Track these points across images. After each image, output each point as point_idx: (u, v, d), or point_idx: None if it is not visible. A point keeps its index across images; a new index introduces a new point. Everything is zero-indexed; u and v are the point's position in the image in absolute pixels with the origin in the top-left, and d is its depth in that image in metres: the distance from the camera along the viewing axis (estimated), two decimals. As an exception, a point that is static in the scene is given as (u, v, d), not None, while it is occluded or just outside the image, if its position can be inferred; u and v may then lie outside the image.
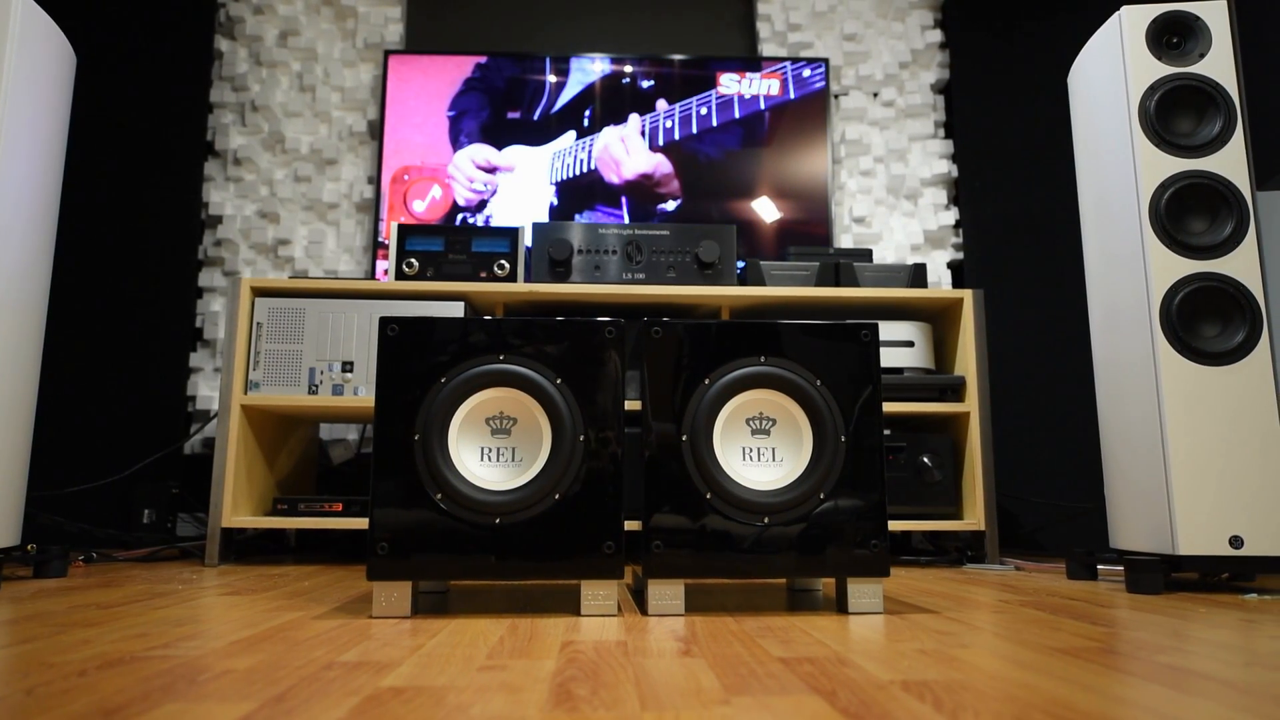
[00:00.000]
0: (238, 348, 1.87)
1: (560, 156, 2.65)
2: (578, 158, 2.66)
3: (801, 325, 1.16)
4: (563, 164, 2.65)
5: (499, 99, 2.67)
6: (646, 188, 2.65)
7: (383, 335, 1.11)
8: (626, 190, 2.65)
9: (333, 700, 0.63)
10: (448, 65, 2.68)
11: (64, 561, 1.53)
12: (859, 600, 1.11)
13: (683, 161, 2.67)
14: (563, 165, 2.65)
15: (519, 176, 2.63)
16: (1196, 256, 1.43)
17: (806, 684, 0.68)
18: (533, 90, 2.68)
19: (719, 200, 2.66)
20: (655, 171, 2.66)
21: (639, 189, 2.65)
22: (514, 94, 2.68)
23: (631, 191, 2.65)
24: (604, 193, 2.64)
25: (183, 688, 0.66)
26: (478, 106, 2.67)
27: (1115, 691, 0.66)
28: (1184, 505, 1.37)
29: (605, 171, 2.65)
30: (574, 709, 0.60)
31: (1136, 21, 1.51)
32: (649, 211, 2.64)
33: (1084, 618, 1.07)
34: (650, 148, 2.67)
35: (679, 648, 0.85)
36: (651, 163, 2.66)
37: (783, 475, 1.13)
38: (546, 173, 2.64)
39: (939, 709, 0.60)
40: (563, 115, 2.67)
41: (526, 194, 2.63)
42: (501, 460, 1.12)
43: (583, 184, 2.64)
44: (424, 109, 2.66)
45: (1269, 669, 0.75)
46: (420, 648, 0.85)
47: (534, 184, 2.63)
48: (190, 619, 1.03)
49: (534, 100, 2.67)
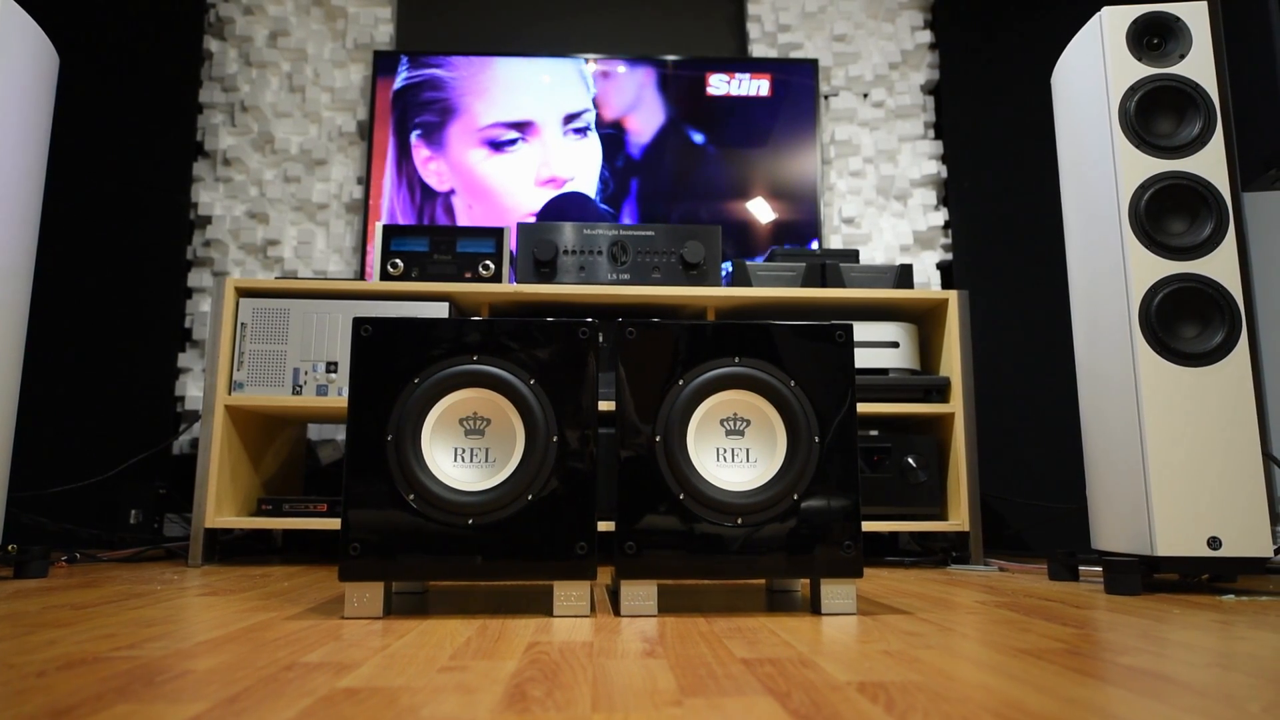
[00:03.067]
0: (222, 348, 1.87)
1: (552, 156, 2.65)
2: (569, 158, 2.66)
3: (776, 326, 1.16)
4: (553, 164, 2.65)
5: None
6: (635, 186, 2.65)
7: (356, 336, 1.12)
8: (615, 188, 2.65)
9: (285, 701, 0.63)
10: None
11: (45, 562, 1.53)
12: (832, 601, 1.11)
13: (671, 162, 2.67)
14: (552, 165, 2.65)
15: (511, 176, 2.63)
16: (1176, 257, 1.43)
17: (763, 685, 0.68)
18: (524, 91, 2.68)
19: (708, 201, 2.66)
20: (644, 171, 2.66)
21: (626, 187, 2.65)
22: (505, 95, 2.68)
23: (619, 190, 2.65)
24: (602, 176, 2.64)
25: (138, 689, 0.66)
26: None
27: (1069, 693, 0.66)
28: (1162, 506, 1.37)
29: (596, 171, 2.65)
30: (525, 710, 0.60)
31: (1117, 22, 1.51)
32: (636, 212, 2.64)
33: (1056, 619, 1.07)
34: (640, 147, 2.67)
35: (644, 649, 0.85)
36: (641, 162, 2.66)
37: (756, 476, 1.13)
38: (536, 173, 2.64)
39: (890, 710, 0.60)
40: (554, 116, 2.67)
41: (519, 193, 2.63)
42: (475, 461, 1.12)
43: (572, 183, 2.64)
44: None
45: (1228, 670, 0.75)
46: (385, 649, 0.85)
47: (525, 183, 2.63)
48: (162, 620, 1.03)
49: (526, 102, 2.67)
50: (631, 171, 2.66)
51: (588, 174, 2.64)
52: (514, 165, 2.64)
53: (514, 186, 2.63)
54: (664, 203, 2.65)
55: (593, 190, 2.64)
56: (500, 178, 2.63)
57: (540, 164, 2.64)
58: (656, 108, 2.69)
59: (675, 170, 2.66)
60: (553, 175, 2.64)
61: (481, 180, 2.62)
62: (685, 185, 2.66)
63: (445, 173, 2.63)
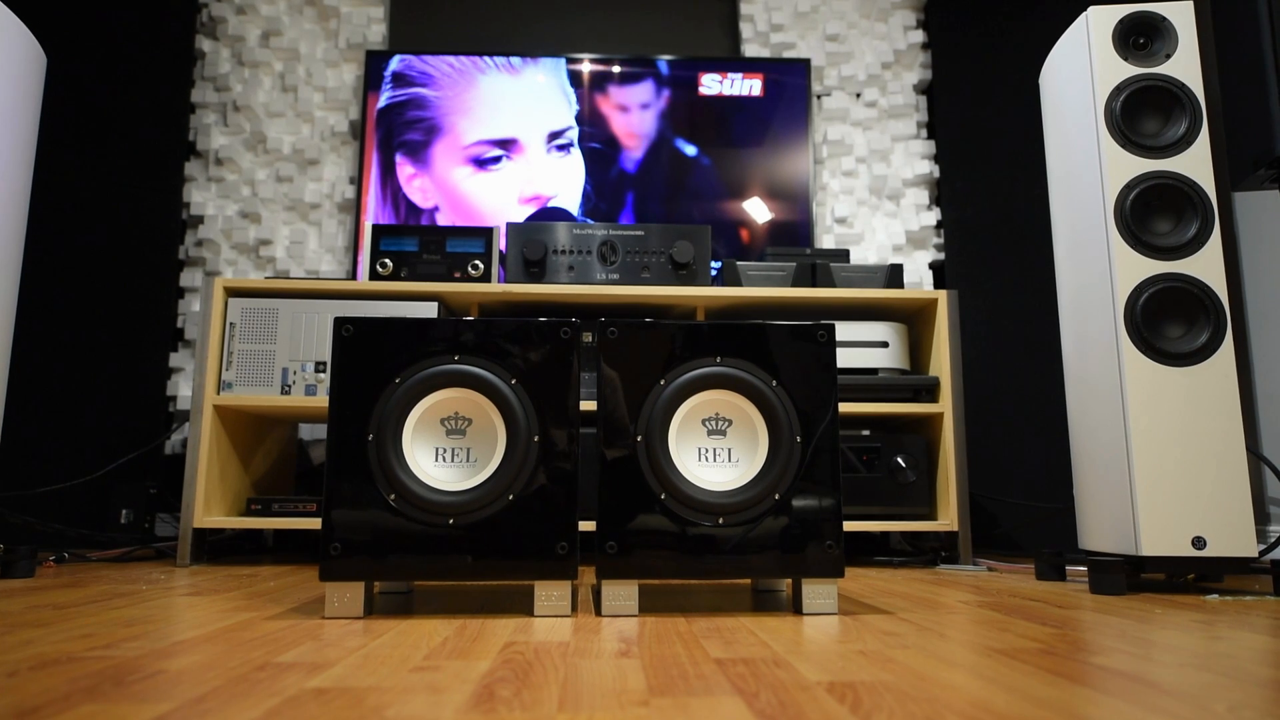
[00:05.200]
0: (210, 348, 1.87)
1: (536, 174, 2.65)
2: (552, 175, 2.66)
3: (758, 325, 1.16)
4: (536, 181, 2.65)
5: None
6: (626, 188, 2.65)
7: (337, 336, 1.12)
8: (598, 201, 2.64)
9: (252, 701, 0.63)
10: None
11: (32, 562, 1.53)
12: (813, 601, 1.11)
13: (663, 162, 2.67)
14: (546, 164, 2.65)
15: (495, 193, 2.63)
16: (1161, 257, 1.43)
17: (733, 685, 0.68)
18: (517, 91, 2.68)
19: (699, 201, 2.66)
20: (636, 172, 2.66)
21: (619, 189, 2.65)
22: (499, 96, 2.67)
23: (607, 198, 2.65)
24: (584, 192, 2.64)
25: (108, 688, 0.66)
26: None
27: (1038, 693, 0.66)
28: (1147, 506, 1.37)
29: (579, 188, 2.65)
30: (491, 710, 0.60)
31: (1103, 22, 1.51)
32: (628, 212, 2.64)
33: (1036, 619, 1.07)
34: (631, 147, 2.67)
35: (620, 649, 0.85)
36: (632, 164, 2.66)
37: (738, 476, 1.13)
38: (519, 190, 2.64)
39: (855, 710, 0.60)
40: (539, 134, 2.67)
41: (503, 211, 2.63)
42: (456, 461, 1.12)
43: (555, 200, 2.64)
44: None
45: (1200, 670, 0.75)
46: (361, 649, 0.85)
47: (509, 201, 2.63)
48: (142, 619, 1.03)
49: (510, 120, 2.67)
50: (622, 172, 2.66)
51: (571, 191, 2.64)
52: (498, 183, 2.63)
53: (498, 204, 2.62)
54: (656, 203, 2.65)
55: (575, 206, 2.63)
56: (484, 195, 2.62)
57: (524, 181, 2.63)
58: (648, 108, 2.69)
59: (667, 171, 2.66)
60: (536, 193, 2.63)
61: (465, 198, 2.62)
62: (676, 186, 2.66)
63: (430, 190, 2.62)
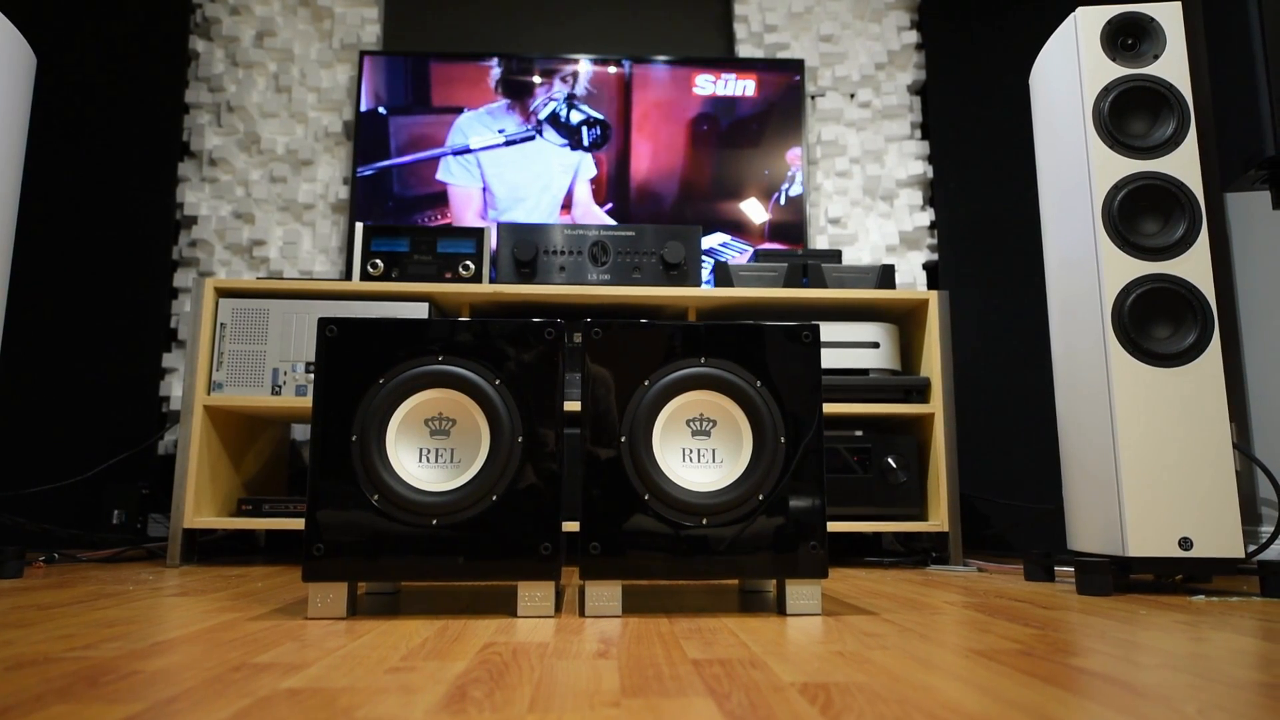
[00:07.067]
0: (201, 348, 1.87)
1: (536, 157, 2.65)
2: (556, 157, 2.66)
3: (743, 326, 1.16)
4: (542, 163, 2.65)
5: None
6: (619, 188, 2.65)
7: (321, 336, 1.12)
8: (598, 190, 2.65)
9: (224, 702, 0.63)
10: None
11: (20, 562, 1.53)
12: (797, 602, 1.11)
13: (656, 162, 2.67)
14: (542, 164, 2.65)
15: (499, 176, 2.63)
16: (1149, 258, 1.43)
17: (706, 686, 0.68)
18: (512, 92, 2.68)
19: (692, 201, 2.66)
20: (629, 172, 2.66)
21: (613, 190, 2.65)
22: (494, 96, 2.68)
23: (607, 193, 2.65)
24: (580, 194, 2.64)
25: (81, 689, 0.66)
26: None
27: (1010, 694, 0.66)
28: (1134, 506, 1.37)
29: (581, 173, 2.65)
30: (461, 711, 0.60)
31: (1091, 23, 1.51)
32: (621, 213, 2.64)
33: (1019, 620, 1.07)
34: (626, 147, 2.67)
35: (598, 649, 0.85)
36: (626, 163, 2.66)
37: (722, 477, 1.13)
38: (522, 172, 2.64)
39: (825, 711, 0.60)
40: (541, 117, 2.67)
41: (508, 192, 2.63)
42: (440, 461, 1.12)
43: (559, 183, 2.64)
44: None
45: (1175, 670, 0.75)
46: (340, 649, 0.85)
47: (514, 183, 2.63)
48: (124, 620, 1.03)
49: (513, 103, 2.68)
50: (615, 173, 2.66)
51: (575, 175, 2.64)
52: (505, 164, 2.64)
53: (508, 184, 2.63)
54: (648, 204, 2.65)
55: (567, 207, 2.64)
56: (492, 177, 2.63)
57: (529, 164, 2.64)
58: (643, 107, 2.69)
59: (662, 171, 2.66)
60: (541, 173, 2.64)
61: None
62: (670, 186, 2.66)
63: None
